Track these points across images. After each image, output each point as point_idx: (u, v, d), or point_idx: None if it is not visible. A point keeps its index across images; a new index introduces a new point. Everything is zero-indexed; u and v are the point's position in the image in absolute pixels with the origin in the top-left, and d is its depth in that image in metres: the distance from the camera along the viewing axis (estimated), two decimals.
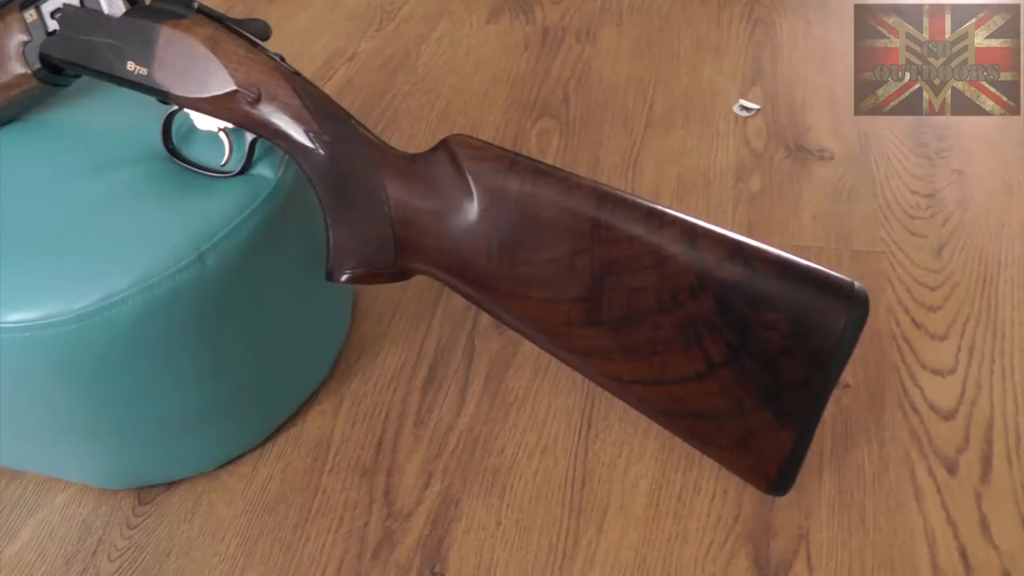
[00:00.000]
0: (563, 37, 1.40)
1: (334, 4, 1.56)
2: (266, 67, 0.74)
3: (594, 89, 1.28)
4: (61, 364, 0.73)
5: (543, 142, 1.19)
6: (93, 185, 0.77)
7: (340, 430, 0.87)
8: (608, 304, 0.69)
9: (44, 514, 0.86)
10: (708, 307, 0.68)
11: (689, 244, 0.69)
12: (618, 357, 0.71)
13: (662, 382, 0.71)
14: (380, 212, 0.72)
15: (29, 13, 0.80)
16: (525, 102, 1.27)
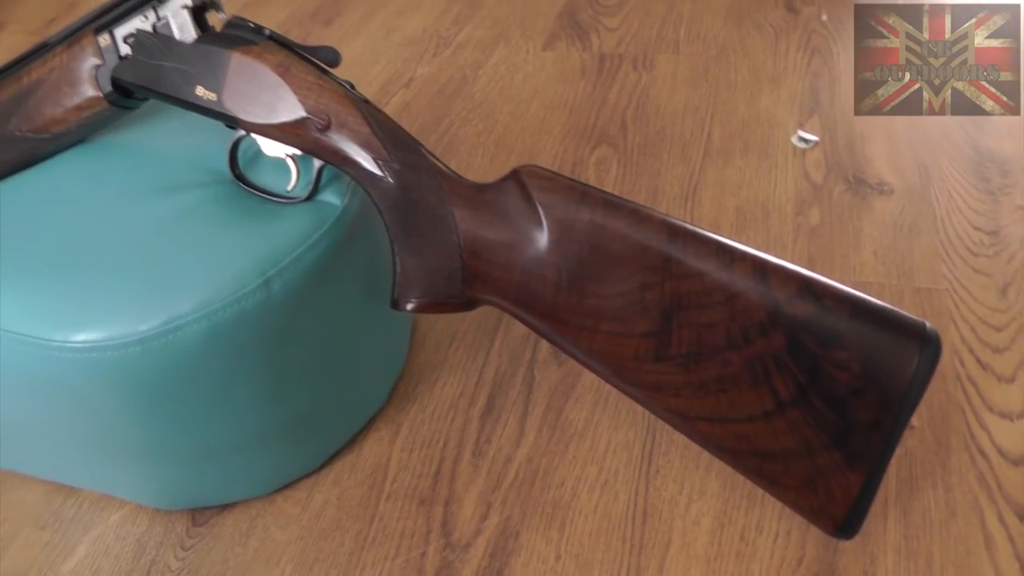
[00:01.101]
0: (620, 64, 1.40)
1: (390, 29, 1.57)
2: (336, 94, 0.74)
3: (652, 118, 1.28)
4: (123, 385, 0.74)
5: (601, 171, 1.19)
6: (159, 207, 0.78)
7: (397, 458, 0.87)
8: (677, 339, 0.69)
9: (99, 532, 0.86)
10: (778, 345, 0.67)
11: (760, 280, 0.68)
12: (686, 393, 0.70)
13: (729, 420, 0.70)
14: (449, 241, 0.72)
15: (103, 37, 0.81)
16: (583, 130, 1.27)
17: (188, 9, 0.79)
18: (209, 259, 0.74)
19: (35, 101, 0.84)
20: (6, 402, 0.80)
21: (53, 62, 0.84)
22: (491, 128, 1.29)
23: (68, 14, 1.78)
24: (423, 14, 1.60)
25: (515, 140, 1.26)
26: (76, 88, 0.83)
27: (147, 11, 0.79)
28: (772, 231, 1.08)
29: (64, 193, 0.83)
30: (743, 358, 0.68)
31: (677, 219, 0.70)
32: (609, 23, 1.51)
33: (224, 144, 0.80)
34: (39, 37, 1.66)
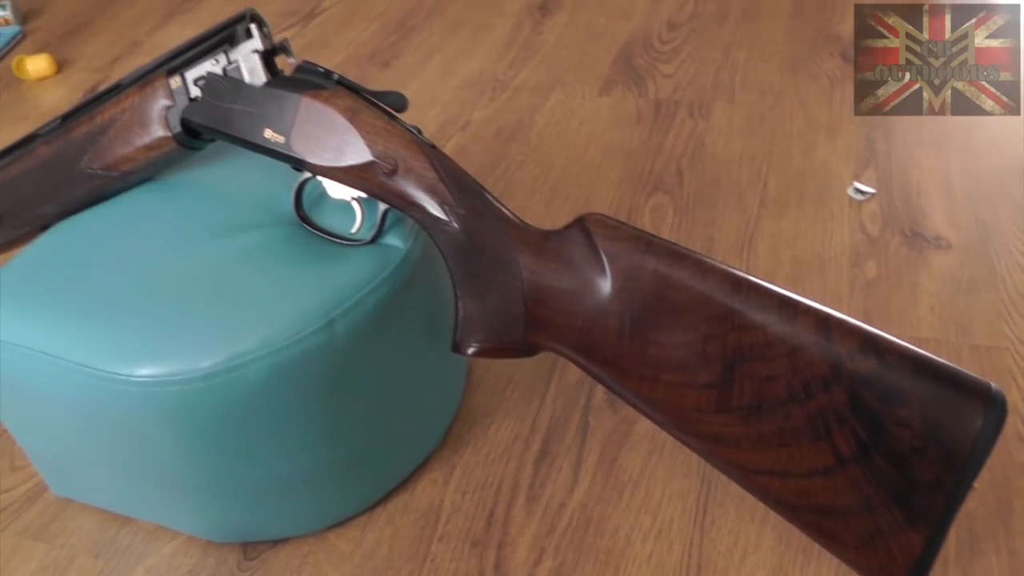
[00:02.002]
0: (676, 111, 1.41)
1: (447, 72, 1.59)
2: (403, 139, 0.76)
3: (707, 165, 1.28)
4: (183, 420, 0.75)
5: (657, 218, 1.19)
6: (224, 246, 0.80)
7: (451, 499, 0.87)
8: (739, 391, 0.69)
9: (153, 562, 0.87)
10: (839, 400, 0.67)
11: (822, 335, 0.68)
12: (746, 445, 0.70)
13: (789, 474, 0.69)
14: (512, 287, 0.73)
15: (174, 80, 0.83)
16: (639, 176, 1.27)
17: (259, 54, 0.81)
18: (273, 298, 0.75)
19: (107, 140, 0.87)
20: (68, 432, 0.82)
21: (125, 103, 0.86)
22: (547, 173, 1.30)
23: (131, 53, 1.83)
24: (480, 57, 1.62)
25: (571, 185, 1.27)
26: (146, 128, 0.85)
27: (218, 55, 0.82)
28: (828, 283, 1.07)
29: (131, 230, 0.85)
30: (804, 412, 0.68)
31: (740, 271, 0.71)
32: (665, 69, 1.52)
33: (288, 185, 0.81)
34: (103, 75, 1.72)
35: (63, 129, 0.90)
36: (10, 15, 1.97)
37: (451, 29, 1.73)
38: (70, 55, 1.85)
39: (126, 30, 1.93)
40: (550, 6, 1.77)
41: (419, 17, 1.79)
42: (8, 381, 0.82)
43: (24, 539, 0.91)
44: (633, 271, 0.71)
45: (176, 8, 1.98)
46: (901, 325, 1.00)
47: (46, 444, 0.88)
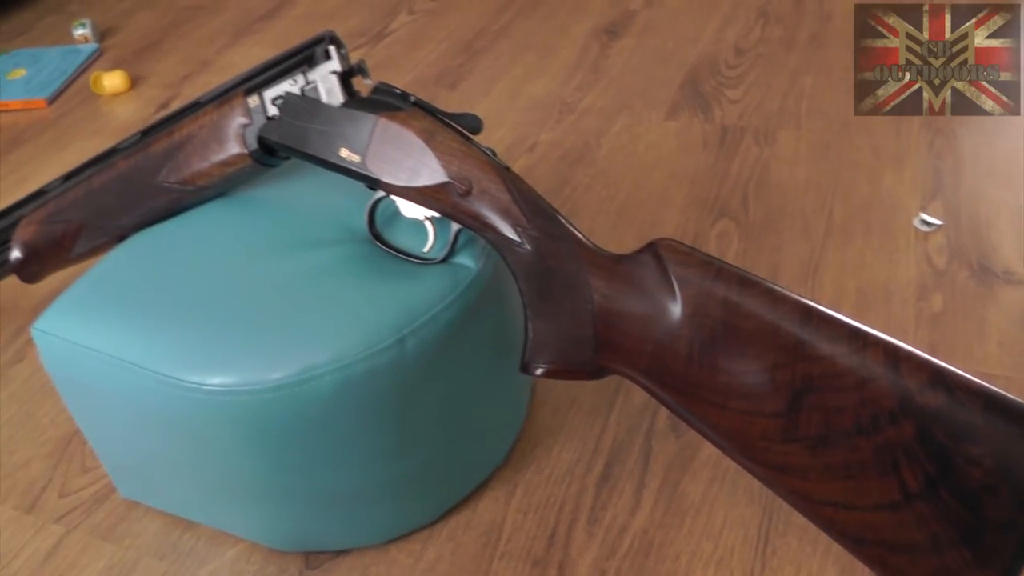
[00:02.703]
0: (741, 137, 1.41)
1: (514, 94, 1.60)
2: (478, 161, 0.77)
3: (773, 192, 1.28)
4: (252, 429, 0.76)
5: (722, 244, 1.19)
6: (297, 261, 0.81)
7: (512, 518, 0.88)
8: (806, 421, 0.68)
9: (215, 566, 0.89)
10: (908, 434, 0.66)
11: (892, 367, 0.67)
12: (812, 476, 0.69)
13: (855, 507, 0.69)
14: (583, 310, 0.73)
15: (252, 98, 0.86)
16: (704, 202, 1.27)
17: (336, 75, 0.83)
18: (345, 314, 0.76)
19: (184, 155, 0.89)
20: (138, 436, 0.84)
21: (203, 119, 0.88)
22: (613, 196, 1.30)
23: (202, 71, 1.87)
24: (547, 80, 1.63)
25: (637, 209, 1.27)
26: (223, 145, 0.87)
27: (297, 75, 0.84)
28: (893, 315, 1.06)
29: (206, 243, 0.87)
30: (872, 445, 0.67)
31: (810, 300, 0.70)
32: (731, 95, 1.52)
33: (361, 203, 0.83)
34: (174, 91, 1.76)
35: (142, 144, 0.93)
36: (89, 33, 2.03)
37: (518, 51, 1.74)
38: (143, 72, 1.90)
39: (197, 49, 1.98)
40: (618, 30, 1.77)
41: (486, 39, 1.81)
42: (84, 385, 0.84)
43: (93, 538, 0.93)
44: (703, 297, 0.71)
45: (245, 29, 2.02)
46: (968, 360, 0.99)
47: (117, 447, 0.90)
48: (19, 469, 1.03)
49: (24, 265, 1.01)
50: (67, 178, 1.00)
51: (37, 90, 1.86)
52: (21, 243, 1.00)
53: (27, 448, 1.06)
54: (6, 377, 1.17)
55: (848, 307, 1.07)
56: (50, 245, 0.99)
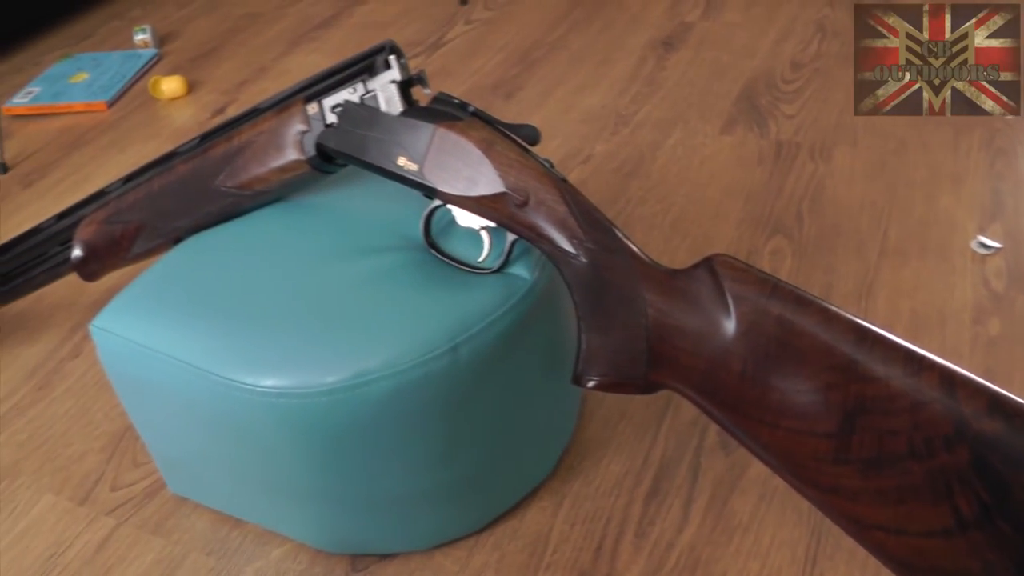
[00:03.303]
0: (797, 153, 1.40)
1: (569, 106, 1.60)
2: (536, 172, 0.77)
3: (828, 210, 1.27)
4: (304, 432, 0.77)
5: (776, 261, 1.18)
6: (352, 267, 0.82)
7: (559, 529, 0.88)
8: (859, 443, 0.67)
9: (261, 565, 0.90)
10: (963, 461, 0.65)
11: (947, 392, 0.66)
12: (863, 499, 0.68)
13: (906, 532, 0.67)
14: (637, 324, 0.73)
15: (312, 106, 0.87)
16: (758, 218, 1.26)
17: (396, 84, 0.83)
18: (400, 320, 0.77)
19: (243, 160, 0.90)
20: (190, 434, 0.85)
21: (262, 126, 0.90)
22: (667, 210, 1.30)
23: (258, 78, 1.89)
24: (602, 92, 1.63)
25: (690, 223, 1.27)
26: (281, 151, 0.88)
27: (357, 84, 0.84)
28: (948, 339, 1.05)
29: (262, 247, 0.88)
30: (925, 470, 0.66)
31: (865, 321, 0.70)
32: (787, 110, 1.51)
33: (417, 211, 0.83)
34: (230, 97, 1.78)
35: (201, 148, 0.95)
36: (149, 38, 2.07)
37: (574, 62, 1.74)
38: (201, 77, 1.93)
39: (254, 56, 2.00)
40: (674, 42, 1.77)
41: (542, 50, 1.81)
42: (139, 382, 0.86)
43: (143, 532, 0.95)
44: (758, 315, 0.70)
45: (302, 36, 2.04)
46: None
47: (169, 444, 0.92)
48: (74, 462, 1.05)
49: (84, 263, 1.03)
50: (127, 180, 1.02)
51: (98, 93, 1.90)
52: (82, 242, 1.02)
53: (82, 441, 1.08)
54: (63, 372, 1.19)
55: (901, 329, 1.06)
56: (109, 245, 1.01)
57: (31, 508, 1.00)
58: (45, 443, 1.08)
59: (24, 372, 1.20)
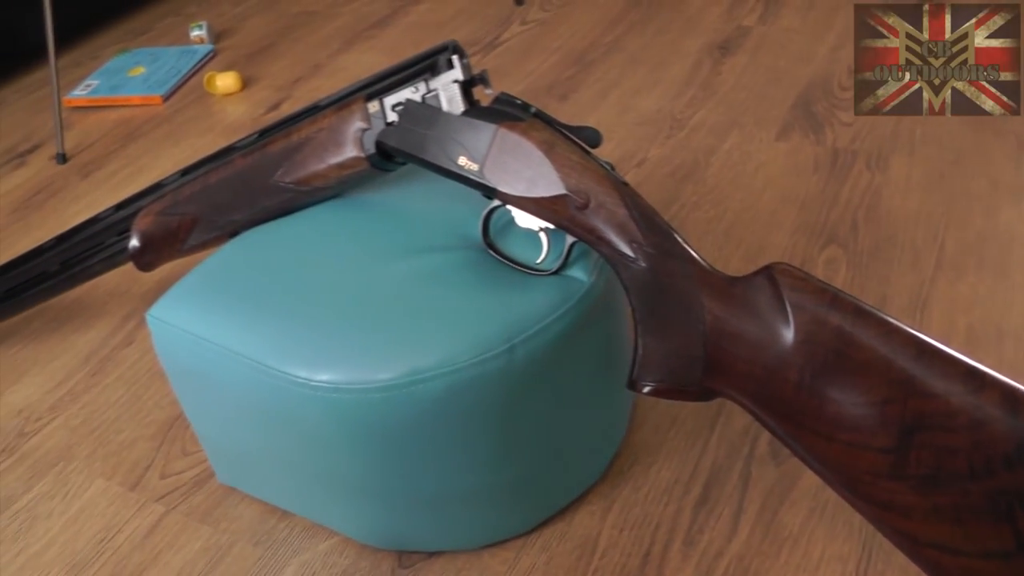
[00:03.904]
0: (853, 162, 1.38)
1: (624, 108, 1.59)
2: (597, 174, 0.77)
3: (883, 220, 1.25)
4: (356, 428, 0.77)
5: (830, 271, 1.16)
6: (408, 266, 0.82)
7: (607, 534, 0.87)
8: (916, 460, 0.66)
9: (307, 557, 0.90)
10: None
11: (1009, 411, 0.65)
12: (917, 516, 0.67)
13: (962, 552, 0.66)
14: (694, 330, 0.73)
15: (373, 104, 0.87)
16: (813, 227, 1.25)
17: (458, 83, 0.83)
18: (456, 319, 0.77)
19: (302, 156, 0.91)
20: (242, 425, 0.86)
21: (322, 123, 0.90)
22: (721, 215, 1.29)
23: (313, 75, 1.90)
24: (658, 95, 1.62)
25: (744, 230, 1.25)
26: (341, 148, 0.89)
27: (419, 83, 0.85)
28: (1005, 356, 1.02)
29: (319, 242, 0.88)
30: (984, 490, 0.65)
31: (925, 334, 0.68)
32: (844, 117, 1.49)
33: (475, 211, 0.83)
34: (285, 94, 1.80)
35: (260, 143, 0.96)
36: (205, 35, 2.09)
37: (630, 65, 1.74)
38: (256, 74, 1.95)
39: (309, 53, 2.01)
40: (730, 47, 1.75)
41: (598, 52, 1.80)
42: (193, 372, 0.86)
43: (191, 520, 0.96)
44: (817, 325, 0.69)
45: (357, 35, 2.05)
46: None
47: (219, 434, 0.92)
48: (125, 448, 1.07)
49: (140, 253, 1.05)
50: (184, 173, 1.03)
51: (154, 87, 1.92)
52: (139, 232, 1.04)
53: (133, 429, 1.09)
54: (116, 360, 1.21)
55: (957, 345, 1.02)
56: (165, 236, 1.02)
57: (84, 492, 1.02)
58: (97, 429, 1.10)
59: (78, 359, 1.22)
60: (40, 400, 1.16)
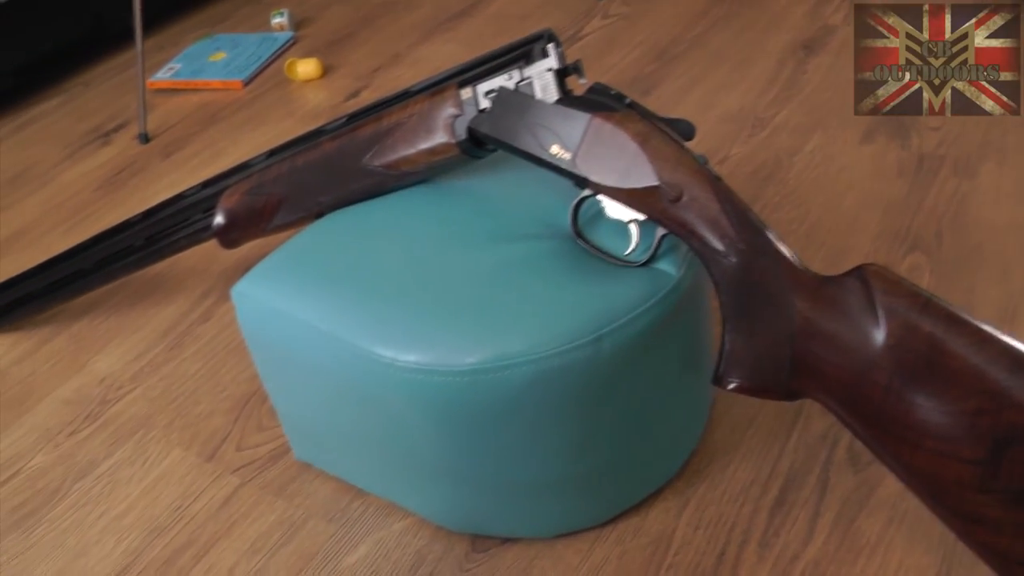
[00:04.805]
0: (939, 167, 1.35)
1: (708, 105, 1.58)
2: (691, 168, 0.76)
3: (970, 230, 1.22)
4: (440, 410, 0.78)
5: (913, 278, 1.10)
6: (496, 252, 0.82)
7: (682, 531, 0.86)
8: (1007, 473, 0.64)
9: (382, 535, 0.91)
10: None
11: None
12: (1007, 532, 0.65)
13: None
14: (783, 329, 0.72)
15: (465, 91, 0.87)
16: (896, 232, 1.22)
17: (553, 72, 0.83)
18: (544, 307, 0.77)
19: (391, 140, 0.91)
20: (323, 402, 0.87)
21: (413, 108, 0.91)
22: (803, 217, 1.27)
23: (392, 65, 1.91)
24: (741, 92, 1.60)
25: (826, 233, 1.23)
26: (431, 133, 0.89)
27: (512, 71, 0.85)
28: None
29: (406, 225, 0.89)
30: None
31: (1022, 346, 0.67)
32: (931, 122, 1.45)
33: (563, 200, 0.83)
34: (364, 82, 1.82)
35: (349, 127, 0.96)
36: (286, 22, 2.12)
37: (713, 61, 1.72)
38: (335, 61, 1.96)
39: (389, 43, 2.02)
40: (815, 46, 1.72)
41: (681, 47, 1.79)
42: (276, 348, 0.88)
43: (266, 493, 0.97)
44: (908, 330, 0.68)
45: (438, 26, 2.06)
46: None
47: (299, 410, 0.93)
48: (202, 420, 1.09)
49: (225, 231, 1.06)
50: (271, 154, 1.04)
51: (235, 72, 1.95)
52: (224, 210, 1.05)
53: (210, 402, 1.11)
54: (194, 334, 1.23)
55: None
56: (250, 215, 1.04)
57: (162, 460, 1.04)
58: (176, 400, 1.12)
59: (158, 332, 1.25)
60: (122, 370, 1.19)
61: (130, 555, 0.94)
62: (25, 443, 1.11)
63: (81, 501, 1.01)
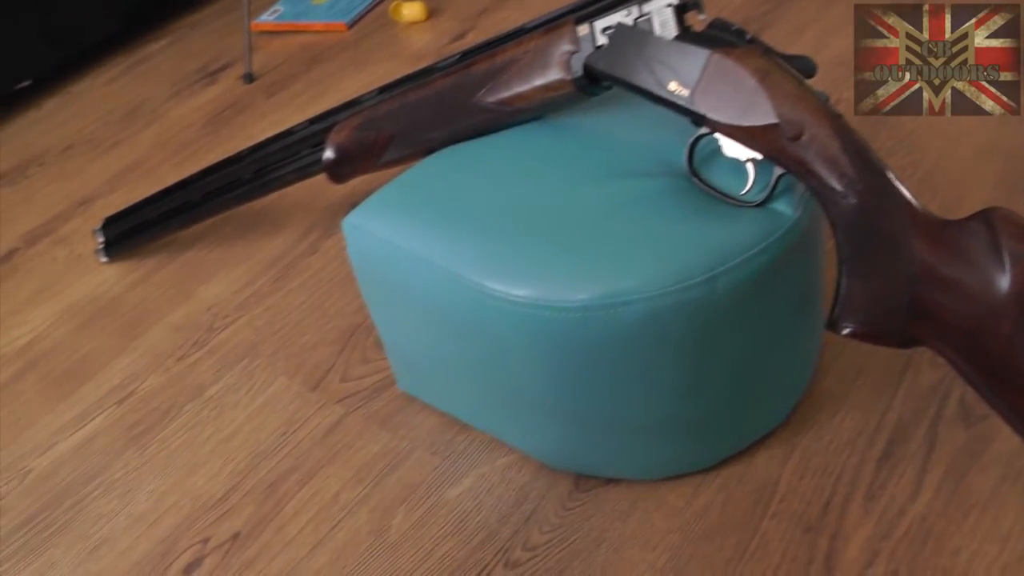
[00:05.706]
0: None
1: (819, 47, 1.53)
2: (811, 105, 0.74)
3: None
4: (550, 346, 0.78)
5: None
6: (610, 189, 0.82)
7: (787, 480, 0.86)
8: None
9: (485, 470, 0.92)
10: None
11: None
12: None
13: None
14: (902, 273, 0.70)
15: (582, 27, 0.86)
16: (1017, 182, 1.17)
17: (672, 8, 0.82)
18: (658, 245, 0.76)
19: (506, 77, 0.91)
20: (431, 336, 0.88)
21: (528, 44, 0.90)
22: (917, 163, 1.23)
23: (498, 7, 1.89)
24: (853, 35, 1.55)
25: (941, 180, 1.19)
26: (547, 70, 0.88)
27: (631, 7, 0.83)
28: None
29: (519, 162, 0.89)
30: None
31: None
32: None
33: (679, 138, 0.81)
34: (469, 24, 1.80)
35: (462, 64, 0.96)
36: None
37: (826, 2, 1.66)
38: (441, 4, 1.95)
39: None
40: None
41: None
42: (386, 280, 0.89)
43: (370, 424, 0.99)
44: None
45: None
46: None
47: (406, 342, 0.94)
48: (307, 350, 1.11)
49: (335, 165, 1.07)
50: (382, 91, 1.05)
51: (339, 15, 1.96)
52: (335, 145, 1.06)
53: (315, 333, 1.13)
54: (300, 267, 1.25)
55: None
56: (361, 150, 1.04)
57: (267, 388, 1.07)
58: (281, 330, 1.15)
59: (264, 263, 1.27)
60: (228, 299, 1.22)
61: (237, 476, 0.97)
62: (138, 365, 1.15)
63: (190, 423, 1.04)
